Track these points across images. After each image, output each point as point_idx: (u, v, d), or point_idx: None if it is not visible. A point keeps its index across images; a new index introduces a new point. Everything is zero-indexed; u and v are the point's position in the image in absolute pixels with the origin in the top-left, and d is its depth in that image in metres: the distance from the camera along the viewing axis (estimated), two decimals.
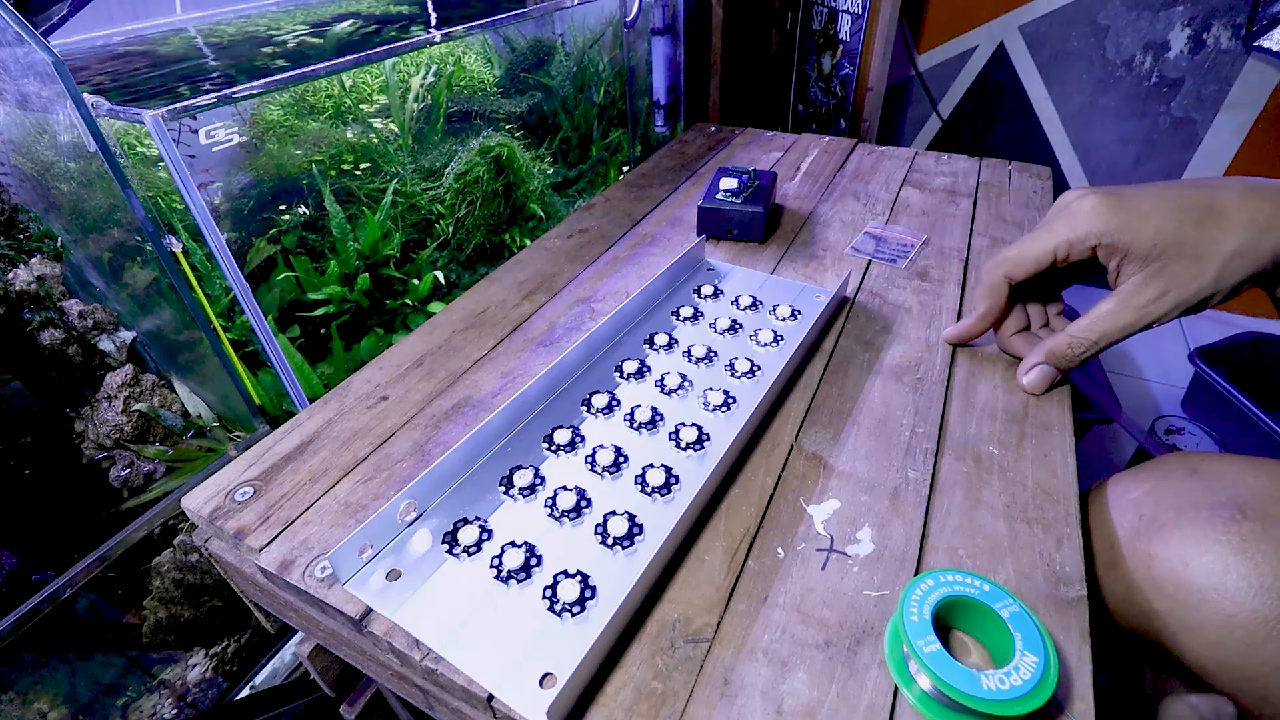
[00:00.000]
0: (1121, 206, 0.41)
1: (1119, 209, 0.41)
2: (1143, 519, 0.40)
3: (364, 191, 1.06)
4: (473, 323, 0.61)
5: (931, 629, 0.31)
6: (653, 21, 1.31)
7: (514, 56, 1.31)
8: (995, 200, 0.82)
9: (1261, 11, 1.32)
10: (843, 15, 1.52)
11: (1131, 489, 0.43)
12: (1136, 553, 0.39)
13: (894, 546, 0.39)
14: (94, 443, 0.77)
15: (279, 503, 0.43)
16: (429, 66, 1.14)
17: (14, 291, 0.72)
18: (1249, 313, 1.64)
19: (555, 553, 0.38)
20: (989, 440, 0.46)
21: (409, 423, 0.50)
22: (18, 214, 0.74)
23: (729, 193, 0.72)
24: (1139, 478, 0.43)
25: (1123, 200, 0.41)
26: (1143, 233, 0.40)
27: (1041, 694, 0.29)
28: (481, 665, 0.33)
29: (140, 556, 0.78)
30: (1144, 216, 0.40)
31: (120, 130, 0.74)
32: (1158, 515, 0.39)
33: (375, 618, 0.35)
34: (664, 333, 0.56)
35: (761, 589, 0.37)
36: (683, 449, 0.45)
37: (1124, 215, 0.41)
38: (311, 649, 0.47)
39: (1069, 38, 1.57)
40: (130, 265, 0.78)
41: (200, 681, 0.84)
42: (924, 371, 0.53)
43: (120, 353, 0.80)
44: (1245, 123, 1.46)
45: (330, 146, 1.03)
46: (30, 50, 0.54)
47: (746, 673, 0.33)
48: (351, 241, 1.02)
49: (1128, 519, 0.41)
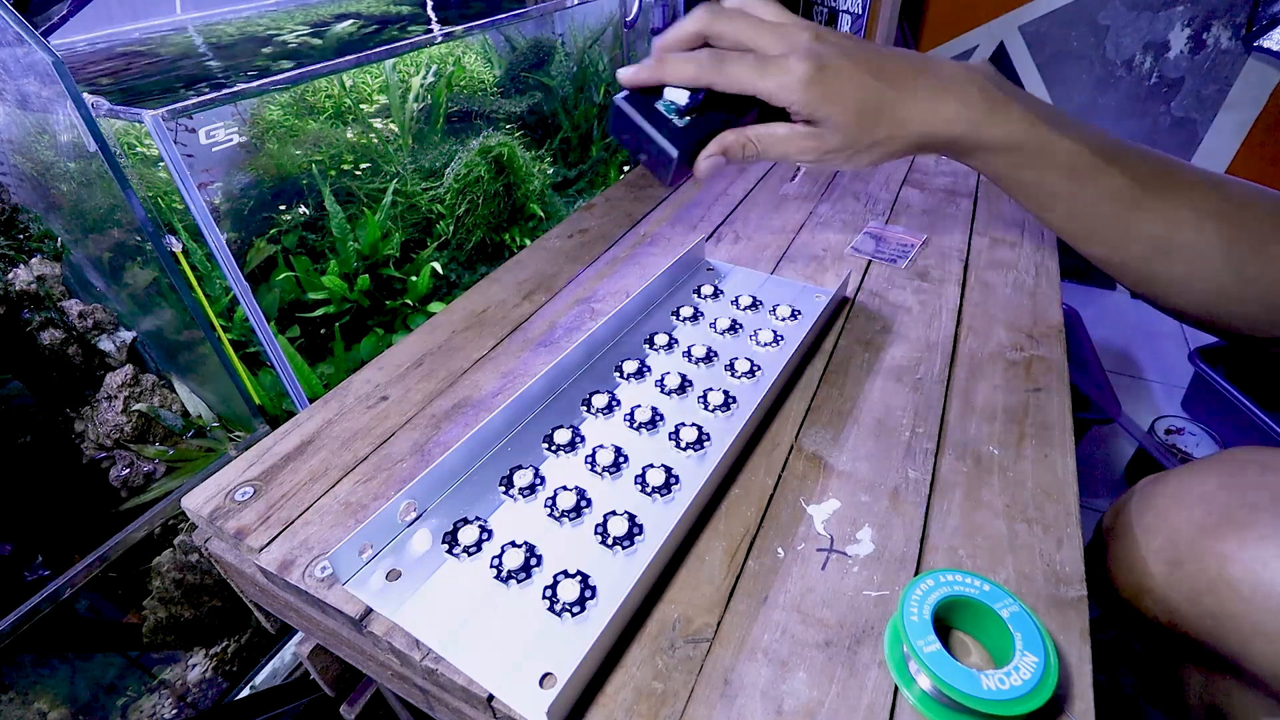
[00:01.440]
0: (823, 81, 0.40)
1: (820, 84, 0.40)
2: (1211, 515, 0.38)
3: (364, 191, 1.06)
4: (473, 323, 0.61)
5: (931, 629, 0.31)
6: (653, 21, 1.31)
7: (514, 56, 1.31)
8: (995, 200, 0.82)
9: (1261, 11, 1.32)
10: (843, 15, 1.52)
11: (1197, 483, 0.40)
12: (1206, 550, 0.37)
13: (894, 546, 0.39)
14: (94, 443, 0.77)
15: (279, 503, 0.43)
16: (429, 66, 1.14)
17: (14, 291, 0.72)
18: None
19: (555, 553, 0.38)
20: (989, 440, 0.46)
21: (409, 423, 0.50)
22: (18, 214, 0.74)
23: (671, 105, 0.45)
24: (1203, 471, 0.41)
25: (825, 74, 0.40)
26: (835, 114, 0.41)
27: (1041, 694, 0.29)
28: (481, 665, 0.33)
29: (140, 556, 0.78)
30: (841, 96, 0.40)
31: (120, 130, 0.74)
32: (1232, 512, 0.37)
33: (375, 618, 0.35)
34: (664, 333, 0.56)
35: (761, 589, 0.37)
36: (683, 449, 0.44)
37: (823, 92, 0.40)
38: (311, 649, 0.47)
39: (1069, 38, 1.57)
40: (130, 265, 0.78)
41: (200, 681, 0.84)
42: (924, 371, 0.53)
43: (120, 353, 0.80)
44: (1245, 123, 1.46)
45: (330, 146, 1.03)
46: (30, 50, 0.54)
47: (746, 673, 0.33)
48: (351, 241, 1.02)
49: (1195, 514, 0.39)
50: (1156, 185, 0.41)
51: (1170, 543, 0.39)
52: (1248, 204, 0.41)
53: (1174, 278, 0.43)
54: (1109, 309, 1.62)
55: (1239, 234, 0.40)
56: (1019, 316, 0.60)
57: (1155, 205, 0.41)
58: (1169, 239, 0.42)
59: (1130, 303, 1.64)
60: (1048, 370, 0.53)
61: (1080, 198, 0.43)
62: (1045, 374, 0.53)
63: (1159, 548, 0.40)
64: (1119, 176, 0.41)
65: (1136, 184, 0.41)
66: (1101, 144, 0.42)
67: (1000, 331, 0.58)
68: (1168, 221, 0.41)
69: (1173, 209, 0.41)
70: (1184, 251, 0.41)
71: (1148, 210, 0.41)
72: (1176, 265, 0.42)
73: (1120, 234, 0.43)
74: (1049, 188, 0.43)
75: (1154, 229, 0.42)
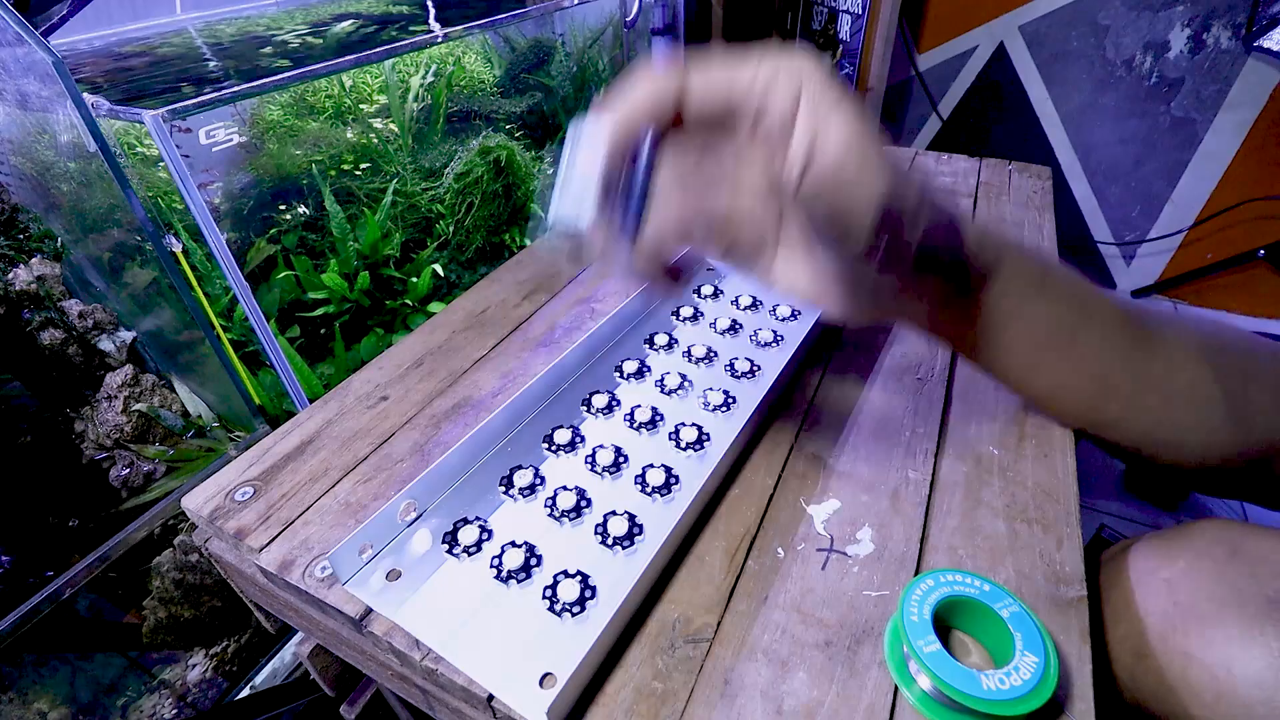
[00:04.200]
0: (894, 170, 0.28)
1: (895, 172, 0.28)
2: (1177, 606, 0.36)
3: (364, 191, 1.06)
4: (473, 323, 0.61)
5: (931, 629, 0.31)
6: (653, 21, 1.31)
7: (514, 56, 1.31)
8: (995, 200, 0.82)
9: (1261, 11, 1.32)
10: (843, 15, 1.52)
11: (1161, 566, 0.38)
12: (1170, 648, 0.35)
13: (894, 546, 0.39)
14: (94, 443, 0.77)
15: (279, 503, 0.43)
16: (429, 66, 1.14)
17: (14, 291, 0.72)
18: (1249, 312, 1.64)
19: (555, 553, 0.38)
20: (989, 440, 0.46)
21: (409, 423, 0.50)
22: (18, 214, 0.74)
23: None
24: (1168, 551, 0.39)
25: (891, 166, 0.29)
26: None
27: (1041, 694, 0.29)
28: (481, 665, 0.33)
29: (140, 556, 0.78)
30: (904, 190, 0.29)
31: (120, 130, 0.74)
32: (1195, 604, 0.35)
33: (375, 618, 0.35)
34: (664, 333, 0.56)
35: (761, 589, 0.37)
36: (683, 449, 0.45)
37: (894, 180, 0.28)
38: (311, 649, 0.47)
39: (1069, 38, 1.57)
40: (130, 265, 0.78)
41: (200, 681, 0.84)
42: (924, 371, 0.53)
43: (120, 353, 0.80)
44: (1245, 123, 1.46)
45: (330, 146, 1.03)
46: (30, 50, 0.54)
47: (746, 673, 0.33)
48: (351, 241, 1.02)
49: (1158, 603, 0.37)
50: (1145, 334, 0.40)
51: (1135, 631, 0.37)
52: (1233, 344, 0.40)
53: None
54: None
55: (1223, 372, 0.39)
56: None
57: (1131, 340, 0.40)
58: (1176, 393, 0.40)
59: None
60: None
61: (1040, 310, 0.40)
62: None
63: (1124, 635, 0.38)
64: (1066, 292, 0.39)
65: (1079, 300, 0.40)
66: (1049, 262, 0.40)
67: None
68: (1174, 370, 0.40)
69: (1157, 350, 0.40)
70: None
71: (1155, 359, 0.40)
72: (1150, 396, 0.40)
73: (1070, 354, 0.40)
74: (1011, 300, 0.39)
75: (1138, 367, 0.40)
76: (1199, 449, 0.41)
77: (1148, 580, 0.38)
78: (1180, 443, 0.41)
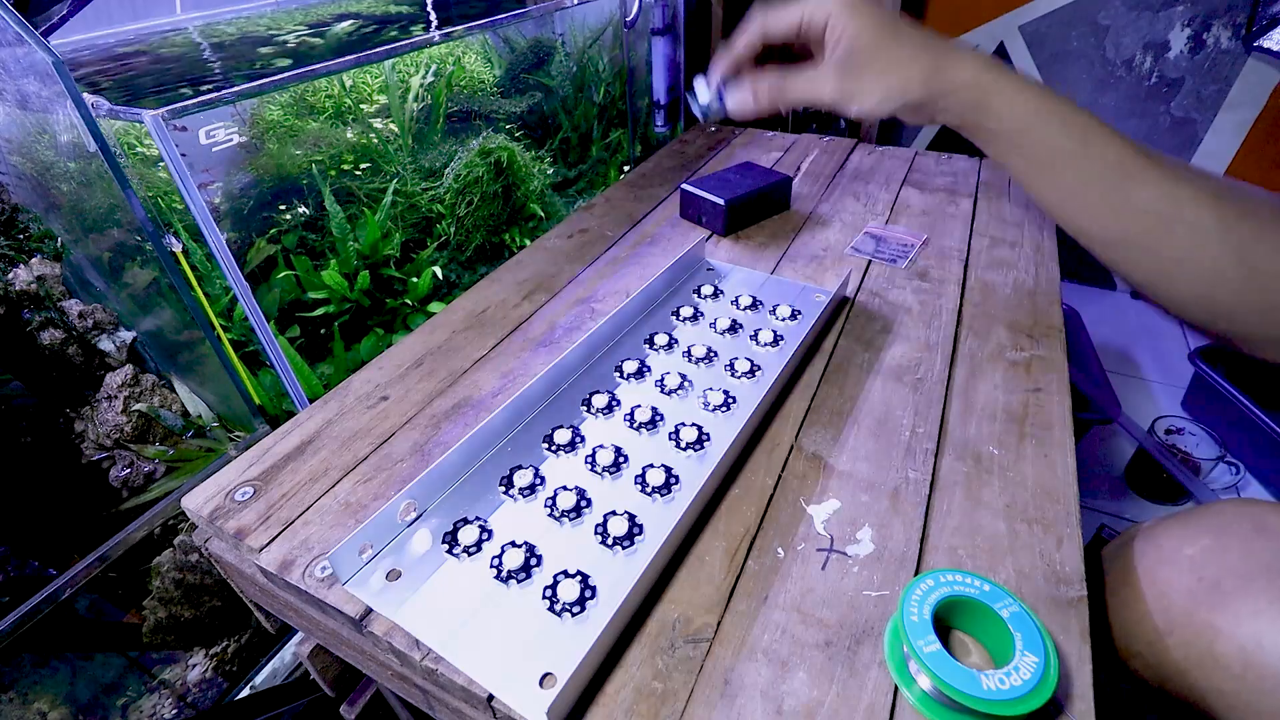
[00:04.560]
0: (855, 4, 0.45)
1: (852, 5, 0.44)
2: (1202, 582, 0.36)
3: (364, 191, 1.06)
4: (473, 323, 0.61)
5: (931, 629, 0.31)
6: (653, 21, 1.31)
7: (514, 56, 1.31)
8: (995, 200, 0.82)
9: (1261, 11, 1.32)
10: None
11: (1185, 543, 0.39)
12: (1196, 622, 0.35)
13: (894, 546, 0.39)
14: (94, 443, 0.77)
15: (279, 503, 0.43)
16: (429, 66, 1.14)
17: (14, 291, 0.72)
18: None
19: (555, 553, 0.38)
20: (989, 440, 0.46)
21: (409, 423, 0.50)
22: (18, 214, 0.74)
23: (716, 180, 0.77)
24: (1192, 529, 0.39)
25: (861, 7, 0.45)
26: (860, 28, 0.44)
27: (1041, 694, 0.29)
28: (481, 665, 0.33)
29: (140, 556, 0.78)
30: (868, 13, 0.44)
31: (120, 130, 0.74)
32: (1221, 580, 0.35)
33: (375, 618, 0.35)
34: (664, 333, 0.56)
35: (761, 589, 0.37)
36: (683, 449, 0.44)
37: (853, 7, 0.44)
38: (311, 649, 0.47)
39: (1069, 38, 1.57)
40: (130, 265, 0.78)
41: (200, 681, 0.84)
42: (924, 371, 0.53)
43: (120, 353, 0.80)
44: (1245, 123, 1.46)
45: (330, 146, 1.03)
46: (30, 50, 0.54)
47: (746, 673, 0.33)
48: (351, 241, 1.02)
49: (1183, 580, 0.37)
50: (1156, 159, 0.41)
51: (1160, 608, 0.38)
52: (1245, 191, 0.40)
53: (1172, 257, 0.41)
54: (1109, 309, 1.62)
55: (1238, 217, 0.39)
56: (1019, 316, 0.60)
57: (1155, 178, 0.40)
58: (1168, 214, 0.40)
59: (1130, 303, 1.64)
60: (1048, 370, 0.53)
61: (1084, 162, 0.42)
62: (1045, 374, 0.53)
63: (1148, 613, 0.39)
64: (1122, 146, 0.41)
65: (1139, 154, 0.40)
66: (1101, 120, 0.42)
67: (1000, 331, 0.58)
68: (1167, 196, 0.40)
69: (1172, 184, 0.40)
70: (1182, 228, 0.40)
71: (1147, 183, 0.40)
72: (1175, 242, 0.40)
73: (1119, 204, 0.41)
74: (1056, 148, 0.42)
75: (1153, 202, 0.40)
76: (1202, 283, 0.41)
77: (1170, 559, 0.39)
78: (1179, 274, 0.41)
